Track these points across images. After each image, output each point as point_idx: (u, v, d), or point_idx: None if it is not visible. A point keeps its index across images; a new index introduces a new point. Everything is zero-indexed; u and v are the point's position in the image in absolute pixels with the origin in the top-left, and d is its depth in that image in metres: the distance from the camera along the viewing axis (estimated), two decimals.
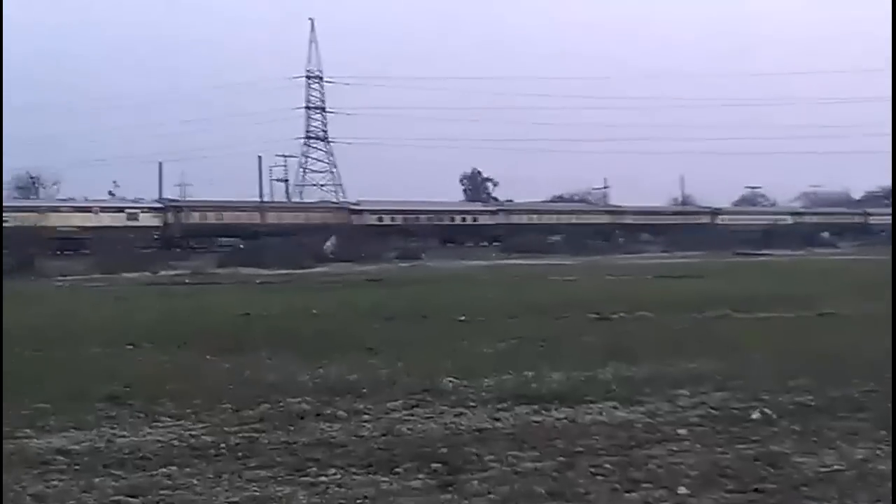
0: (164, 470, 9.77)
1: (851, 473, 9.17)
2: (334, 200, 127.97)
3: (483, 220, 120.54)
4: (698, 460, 9.73)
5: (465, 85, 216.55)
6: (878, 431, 10.78)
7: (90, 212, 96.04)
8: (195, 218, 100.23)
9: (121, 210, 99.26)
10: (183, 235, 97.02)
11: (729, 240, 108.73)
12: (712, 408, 12.37)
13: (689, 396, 13.13)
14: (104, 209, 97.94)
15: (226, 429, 11.56)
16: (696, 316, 24.85)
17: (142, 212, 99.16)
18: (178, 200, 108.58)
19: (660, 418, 11.84)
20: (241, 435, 11.24)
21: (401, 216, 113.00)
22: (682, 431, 11.01)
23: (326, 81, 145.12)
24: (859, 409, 12.03)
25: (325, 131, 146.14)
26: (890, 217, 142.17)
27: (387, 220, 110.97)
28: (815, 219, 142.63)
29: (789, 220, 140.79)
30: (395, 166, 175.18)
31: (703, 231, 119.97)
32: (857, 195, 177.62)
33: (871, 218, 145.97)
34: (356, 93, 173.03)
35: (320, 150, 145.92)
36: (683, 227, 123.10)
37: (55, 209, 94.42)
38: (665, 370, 15.32)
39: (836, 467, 9.38)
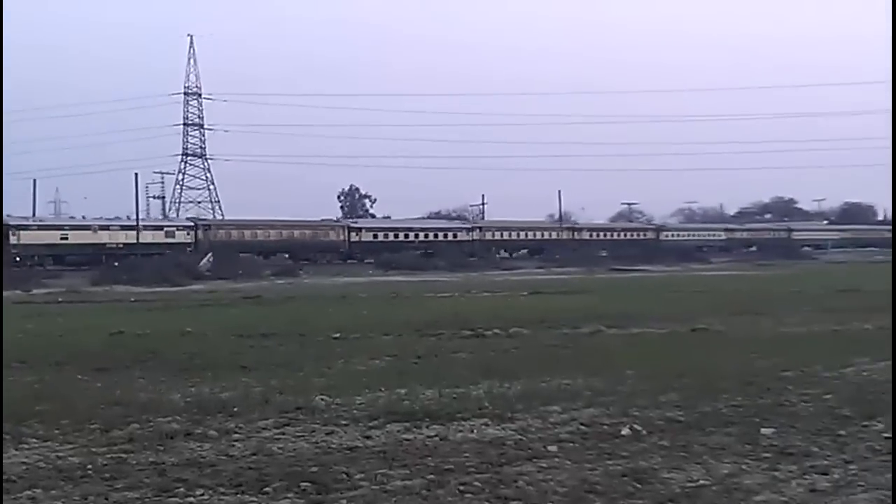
0: (28, 493, 9.58)
1: (717, 488, 9.28)
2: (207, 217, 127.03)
3: (364, 237, 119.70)
4: (567, 477, 9.77)
5: (345, 102, 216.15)
6: (744, 446, 10.94)
7: None
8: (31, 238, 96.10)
9: None
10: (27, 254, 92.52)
11: (605, 256, 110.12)
12: (583, 424, 12.43)
13: (560, 413, 13.19)
14: None
15: (93, 449, 11.38)
16: (569, 332, 25.00)
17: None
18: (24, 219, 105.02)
19: (531, 435, 11.88)
20: (108, 456, 11.06)
21: (275, 232, 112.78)
22: (552, 448, 11.06)
23: (204, 98, 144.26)
24: (727, 424, 12.18)
25: (202, 148, 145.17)
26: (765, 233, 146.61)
27: (261, 237, 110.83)
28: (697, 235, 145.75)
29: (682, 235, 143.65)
30: (275, 183, 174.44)
31: (580, 247, 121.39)
32: (730, 211, 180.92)
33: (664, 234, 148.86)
34: (235, 110, 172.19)
35: (197, 166, 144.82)
36: (561, 243, 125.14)
37: None
38: (537, 387, 15.38)
39: (702, 482, 9.48)
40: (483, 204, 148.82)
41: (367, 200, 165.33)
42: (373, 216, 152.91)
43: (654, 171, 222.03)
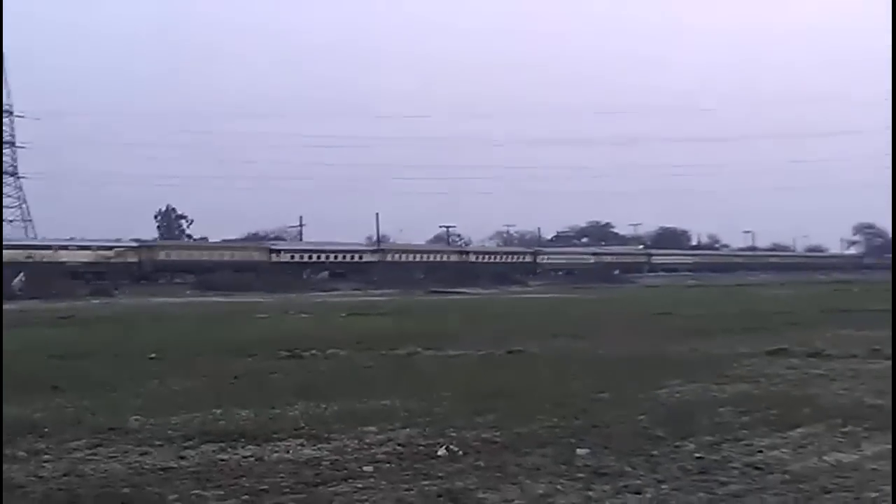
0: None
1: None
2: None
3: (176, 256, 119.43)
4: (383, 497, 9.75)
5: (166, 121, 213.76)
6: (559, 466, 11.02)
7: None
8: None
9: None
10: None
11: (423, 278, 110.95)
12: (399, 444, 12.41)
13: (377, 433, 13.16)
14: None
15: None
16: (386, 353, 24.99)
17: None
18: None
19: (347, 455, 11.82)
20: None
21: (91, 253, 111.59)
22: (368, 468, 11.02)
23: (17, 116, 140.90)
24: (542, 445, 12.26)
25: (14, 167, 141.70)
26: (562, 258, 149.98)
27: (81, 258, 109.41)
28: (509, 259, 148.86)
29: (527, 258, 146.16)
30: (90, 201, 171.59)
31: (398, 269, 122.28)
32: (548, 235, 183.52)
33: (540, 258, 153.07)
34: (50, 127, 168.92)
35: (10, 185, 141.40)
36: (379, 265, 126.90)
37: None
38: (354, 407, 15.33)
39: (517, 502, 9.53)
40: (301, 226, 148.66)
41: (183, 221, 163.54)
42: (190, 237, 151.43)
43: (471, 195, 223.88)
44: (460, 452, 11.81)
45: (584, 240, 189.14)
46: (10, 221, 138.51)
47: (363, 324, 39.40)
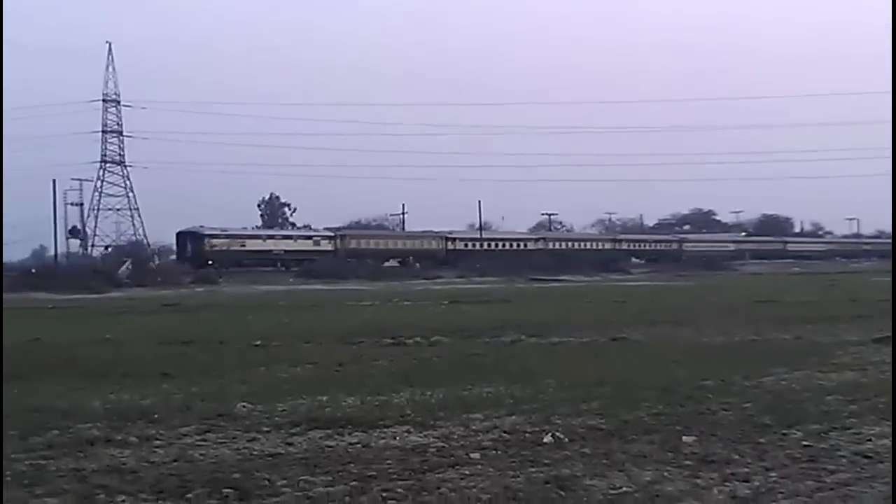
0: None
1: (639, 495, 9.32)
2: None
3: (364, 244, 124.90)
4: (490, 484, 9.76)
5: (263, 110, 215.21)
6: (665, 453, 10.98)
7: None
8: None
9: None
10: None
11: (524, 265, 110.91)
12: (505, 431, 12.43)
13: (482, 420, 13.19)
14: None
15: (12, 456, 11.23)
16: (490, 341, 25.05)
17: None
18: None
19: (453, 442, 11.85)
20: (27, 462, 10.94)
21: (293, 242, 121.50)
22: (474, 455, 11.04)
23: (124, 105, 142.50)
24: (648, 432, 12.22)
25: (121, 155, 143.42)
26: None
27: (284, 246, 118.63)
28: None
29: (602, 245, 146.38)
30: (194, 191, 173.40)
31: (500, 256, 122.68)
32: (650, 222, 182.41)
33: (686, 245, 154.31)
34: (154, 117, 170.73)
35: (116, 174, 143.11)
36: (400, 252, 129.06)
37: None
38: (459, 394, 15.39)
39: (624, 489, 9.51)
40: (404, 213, 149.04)
41: (286, 209, 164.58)
42: (293, 224, 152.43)
43: (573, 182, 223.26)
44: (566, 439, 11.80)
45: (686, 227, 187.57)
46: (118, 210, 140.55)
47: (466, 311, 39.51)
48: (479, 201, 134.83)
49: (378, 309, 43.39)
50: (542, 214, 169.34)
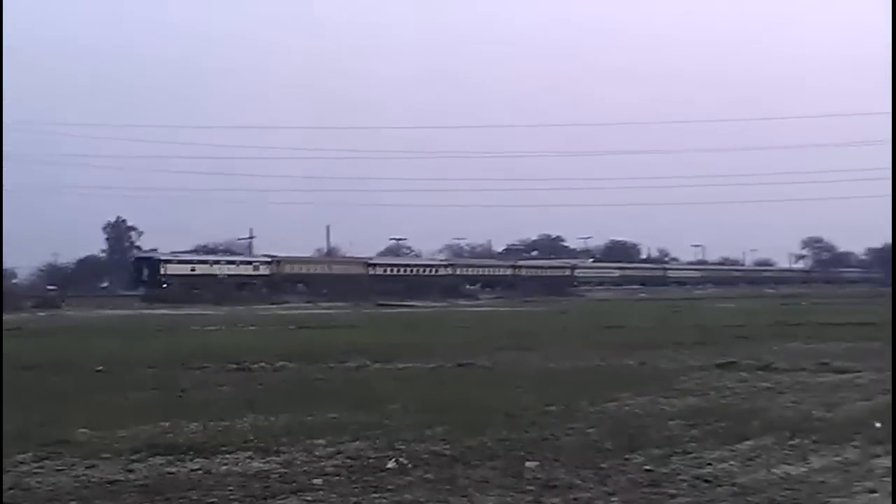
0: None
1: None
2: None
3: (297, 269, 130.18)
4: None
5: (111, 132, 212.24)
6: (508, 479, 11.02)
7: None
8: None
9: None
10: None
11: (372, 290, 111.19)
12: (349, 457, 12.39)
13: (326, 446, 13.13)
14: None
15: None
16: (335, 366, 24.97)
17: None
18: None
19: (296, 468, 11.79)
20: None
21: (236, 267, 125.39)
22: (317, 481, 10.98)
23: None
24: (492, 458, 12.26)
25: None
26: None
27: (227, 271, 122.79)
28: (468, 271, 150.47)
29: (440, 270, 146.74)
30: (38, 214, 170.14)
31: (348, 282, 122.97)
32: (498, 248, 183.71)
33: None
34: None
35: None
36: (327, 278, 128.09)
37: None
38: (303, 420, 15.31)
39: None
40: (251, 238, 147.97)
41: (132, 233, 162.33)
42: (139, 248, 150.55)
43: (422, 207, 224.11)
44: (410, 465, 11.79)
45: (534, 252, 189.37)
46: None
47: (312, 337, 39.32)
48: (328, 226, 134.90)
49: (223, 334, 43.03)
50: (391, 240, 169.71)
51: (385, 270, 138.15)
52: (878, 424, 14.19)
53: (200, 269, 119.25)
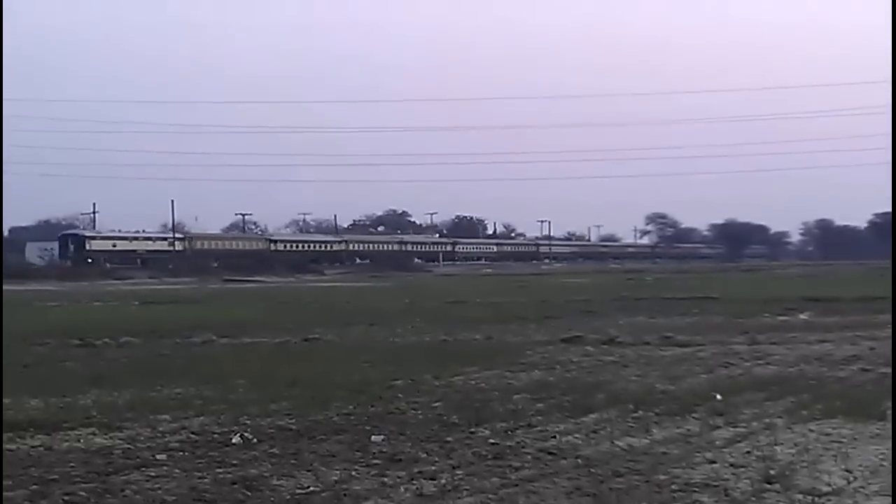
0: None
1: (326, 494, 9.29)
2: None
3: (207, 245, 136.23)
4: (176, 485, 9.60)
5: None
6: (354, 453, 10.99)
7: None
8: None
9: None
10: None
11: (217, 266, 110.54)
12: (193, 433, 12.27)
13: (170, 422, 13.00)
14: None
15: None
16: (181, 342, 24.74)
17: None
18: None
19: (139, 444, 11.64)
20: None
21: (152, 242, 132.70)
22: (161, 457, 10.85)
23: None
24: (337, 432, 12.23)
25: None
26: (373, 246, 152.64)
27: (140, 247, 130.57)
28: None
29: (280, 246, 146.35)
30: None
31: (193, 257, 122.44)
32: (344, 223, 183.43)
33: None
34: None
35: None
36: (233, 253, 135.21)
37: None
38: (147, 396, 15.15)
39: (311, 489, 9.47)
40: (94, 213, 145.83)
41: None
42: None
43: (268, 182, 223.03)
44: (255, 440, 11.72)
45: (381, 228, 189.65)
46: None
47: (157, 312, 38.91)
48: (172, 201, 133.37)
49: (66, 310, 42.34)
50: (237, 215, 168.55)
51: (285, 246, 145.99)
52: (718, 396, 14.48)
53: (121, 245, 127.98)
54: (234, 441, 11.67)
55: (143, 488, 9.53)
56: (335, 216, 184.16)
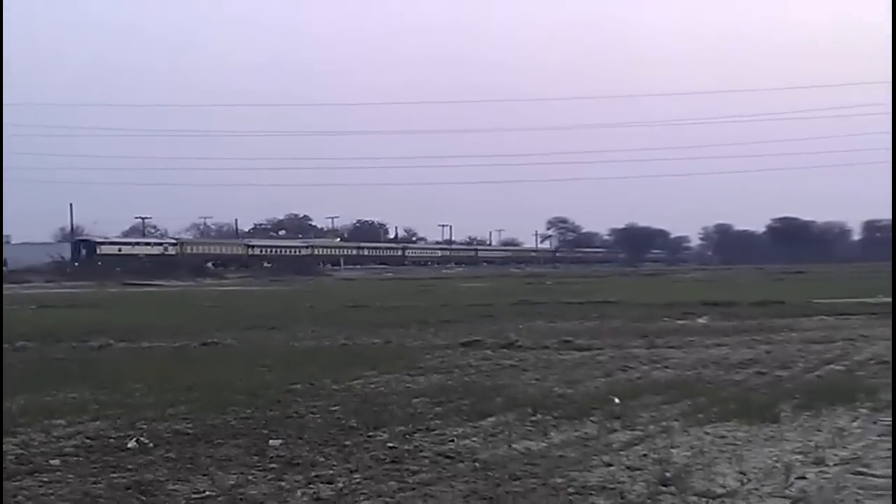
0: None
1: (223, 499, 9.24)
2: None
3: (146, 250, 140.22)
4: (69, 491, 9.52)
5: None
6: (251, 457, 10.96)
7: None
8: None
9: None
10: None
11: (117, 270, 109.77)
12: (88, 437, 12.16)
13: (65, 426, 12.88)
14: None
15: None
16: (77, 346, 24.50)
17: None
18: None
19: (33, 449, 11.51)
20: None
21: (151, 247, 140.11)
22: (55, 462, 10.74)
23: None
24: (235, 436, 12.18)
25: None
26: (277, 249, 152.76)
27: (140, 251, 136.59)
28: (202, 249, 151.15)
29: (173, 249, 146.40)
30: None
31: (92, 261, 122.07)
32: (245, 227, 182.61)
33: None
34: None
35: None
36: (219, 257, 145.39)
37: None
38: (42, 400, 14.99)
39: (207, 493, 9.42)
40: None
41: None
42: None
43: (165, 186, 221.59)
44: (151, 444, 11.63)
45: (282, 232, 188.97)
46: None
47: (54, 315, 38.42)
48: (71, 204, 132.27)
49: None
50: (136, 218, 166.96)
51: (261, 251, 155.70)
52: (616, 400, 14.59)
53: (125, 250, 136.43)
54: (129, 446, 11.58)
55: (37, 494, 9.45)
56: (236, 220, 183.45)
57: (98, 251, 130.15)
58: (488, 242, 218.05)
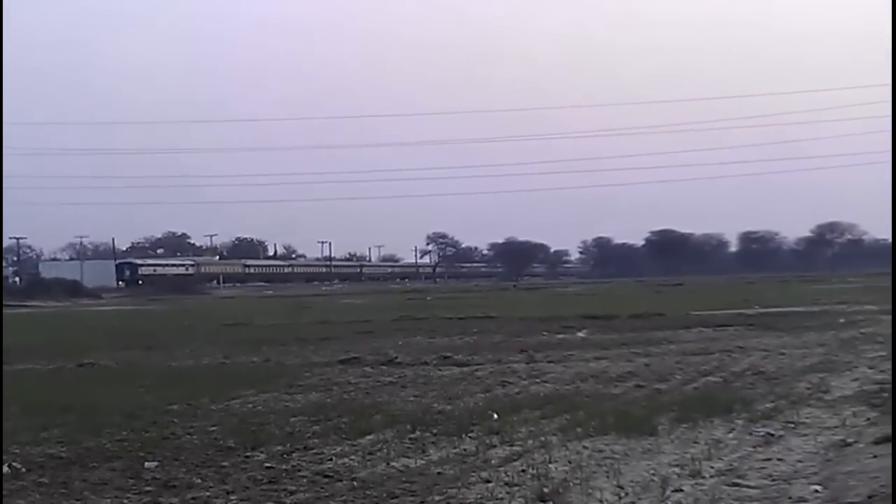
0: None
1: None
2: None
3: (174, 270, 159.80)
4: None
5: None
6: (126, 480, 10.84)
7: None
8: None
9: None
10: None
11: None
12: None
13: None
14: None
15: None
16: None
17: None
18: None
19: None
20: None
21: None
22: None
23: None
24: (110, 459, 12.03)
25: None
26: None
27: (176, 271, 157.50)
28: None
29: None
30: None
31: (234, 279, 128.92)
32: (123, 246, 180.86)
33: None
34: None
35: None
36: (225, 276, 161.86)
37: None
38: None
39: None
40: None
41: None
42: None
43: (42, 205, 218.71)
44: (23, 469, 11.43)
45: (160, 251, 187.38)
46: None
47: None
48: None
49: None
50: (11, 238, 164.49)
51: (256, 270, 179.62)
52: (495, 416, 14.60)
53: (161, 271, 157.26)
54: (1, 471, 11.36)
55: None
56: (113, 239, 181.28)
57: (140, 272, 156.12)
58: (368, 258, 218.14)
